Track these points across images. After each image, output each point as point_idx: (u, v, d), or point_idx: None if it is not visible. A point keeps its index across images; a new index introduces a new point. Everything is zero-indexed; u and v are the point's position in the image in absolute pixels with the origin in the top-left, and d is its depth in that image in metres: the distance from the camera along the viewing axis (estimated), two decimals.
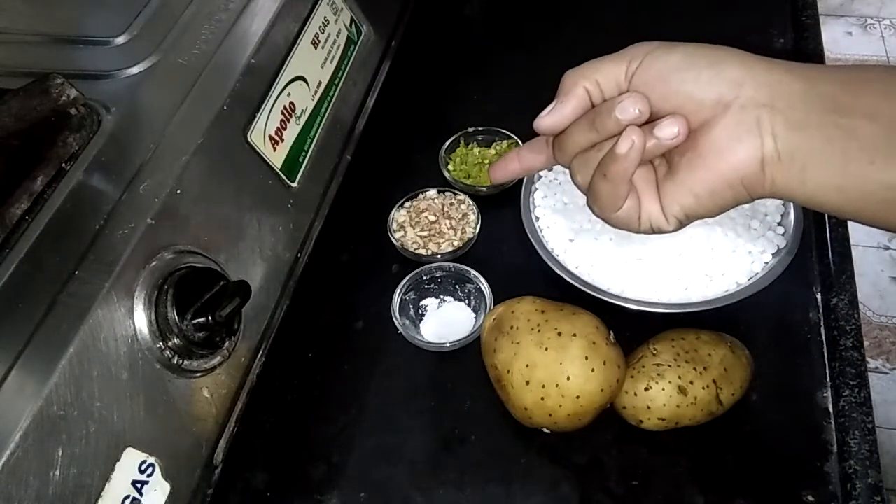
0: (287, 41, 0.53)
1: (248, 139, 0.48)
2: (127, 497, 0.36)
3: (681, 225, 0.36)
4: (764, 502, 0.46)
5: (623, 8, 0.82)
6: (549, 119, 0.37)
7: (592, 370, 0.44)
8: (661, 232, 0.36)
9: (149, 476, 0.37)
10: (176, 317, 0.39)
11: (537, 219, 0.57)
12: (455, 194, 0.64)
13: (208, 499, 0.43)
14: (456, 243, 0.60)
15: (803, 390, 0.50)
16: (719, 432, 0.49)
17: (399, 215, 0.63)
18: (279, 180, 0.51)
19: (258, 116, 0.49)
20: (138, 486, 0.37)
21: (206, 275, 0.42)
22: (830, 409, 0.49)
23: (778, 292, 0.51)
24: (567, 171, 0.58)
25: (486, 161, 0.66)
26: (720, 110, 0.32)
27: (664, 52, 0.34)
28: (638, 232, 0.37)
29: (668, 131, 0.33)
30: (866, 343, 1.39)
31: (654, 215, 0.35)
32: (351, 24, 0.61)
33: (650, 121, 0.34)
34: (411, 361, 0.55)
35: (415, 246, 0.60)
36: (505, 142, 0.67)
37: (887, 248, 1.60)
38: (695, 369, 0.46)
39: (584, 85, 0.36)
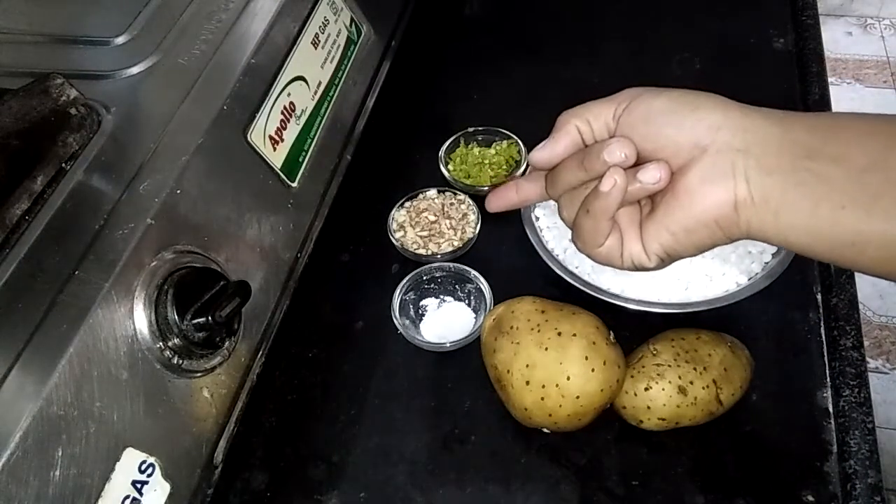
0: (287, 41, 0.53)
1: (248, 139, 0.48)
2: (127, 497, 0.36)
3: (662, 263, 0.37)
4: (764, 502, 0.46)
5: (624, 8, 0.82)
6: (542, 154, 0.39)
7: (592, 370, 0.44)
8: (643, 269, 0.37)
9: (149, 476, 0.37)
10: (176, 317, 0.39)
11: (537, 219, 0.57)
12: (455, 194, 0.64)
13: (208, 499, 0.43)
14: (456, 243, 0.60)
15: (803, 390, 0.50)
16: (719, 432, 0.49)
17: (399, 215, 0.63)
18: (279, 180, 0.51)
19: (258, 116, 0.49)
20: (138, 486, 0.37)
21: (206, 275, 0.42)
22: (830, 409, 0.49)
23: (778, 292, 0.51)
24: None
25: (486, 161, 0.66)
26: (697, 154, 0.33)
27: (650, 97, 0.36)
28: (621, 268, 0.38)
29: (651, 176, 0.34)
30: (866, 343, 1.39)
31: (636, 253, 0.37)
32: (351, 24, 0.61)
33: (636, 164, 0.35)
34: (411, 361, 0.55)
35: (415, 246, 0.60)
36: (505, 142, 0.67)
37: None
38: (695, 369, 0.46)
39: (575, 123, 0.37)
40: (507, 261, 0.60)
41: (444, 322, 0.57)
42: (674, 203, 0.34)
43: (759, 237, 0.33)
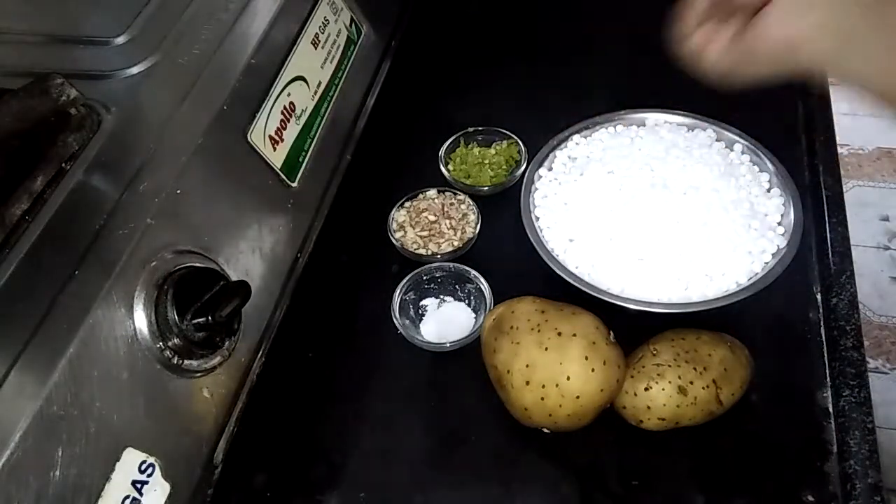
0: (287, 41, 0.53)
1: (248, 139, 0.48)
2: (127, 497, 0.36)
3: (725, 78, 0.41)
4: (764, 502, 0.46)
5: (623, 8, 0.81)
6: None
7: (592, 370, 0.44)
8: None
9: (149, 476, 0.37)
10: (176, 317, 0.39)
11: (537, 219, 0.57)
12: (455, 194, 0.64)
13: (208, 499, 0.43)
14: (456, 243, 0.60)
15: (803, 390, 0.50)
16: (719, 432, 0.49)
17: (399, 215, 0.63)
18: (279, 180, 0.51)
19: (258, 116, 0.49)
20: (138, 486, 0.37)
21: (206, 275, 0.42)
22: (830, 409, 0.49)
23: (778, 292, 0.51)
24: (567, 172, 0.59)
25: (486, 161, 0.66)
26: None
27: None
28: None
29: None
30: (866, 343, 1.39)
31: (713, 58, 0.42)
32: (351, 24, 0.61)
33: None
34: (411, 361, 0.55)
35: (415, 246, 0.60)
36: (505, 142, 0.67)
37: (887, 248, 1.59)
38: (695, 369, 0.46)
39: None
40: (507, 261, 0.60)
41: (444, 322, 0.57)
42: (758, 23, 0.39)
43: (824, 67, 0.39)
